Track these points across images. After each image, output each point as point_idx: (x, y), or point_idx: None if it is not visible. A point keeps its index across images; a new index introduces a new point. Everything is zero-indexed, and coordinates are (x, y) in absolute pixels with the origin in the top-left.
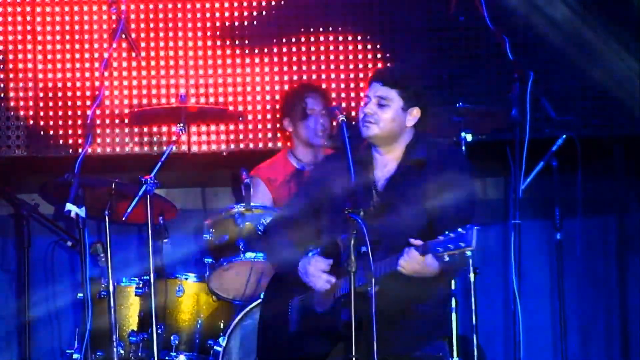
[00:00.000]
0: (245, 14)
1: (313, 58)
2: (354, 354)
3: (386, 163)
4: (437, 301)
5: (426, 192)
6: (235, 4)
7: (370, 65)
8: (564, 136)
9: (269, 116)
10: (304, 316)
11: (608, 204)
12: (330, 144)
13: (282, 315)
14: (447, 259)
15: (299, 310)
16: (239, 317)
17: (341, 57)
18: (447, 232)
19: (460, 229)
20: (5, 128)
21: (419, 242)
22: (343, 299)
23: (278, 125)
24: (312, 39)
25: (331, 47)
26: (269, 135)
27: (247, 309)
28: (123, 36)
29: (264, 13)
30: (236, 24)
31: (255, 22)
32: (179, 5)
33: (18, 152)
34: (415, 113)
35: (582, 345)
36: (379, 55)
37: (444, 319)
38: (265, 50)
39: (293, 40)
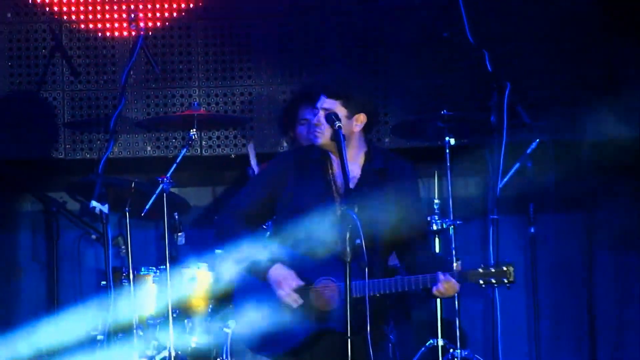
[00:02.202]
0: (252, 30)
1: (311, 70)
2: (348, 333)
3: (352, 168)
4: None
5: (389, 199)
6: (243, 24)
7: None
8: (538, 140)
9: (272, 122)
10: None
11: (577, 202)
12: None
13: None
14: (482, 287)
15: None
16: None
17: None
18: (486, 265)
19: (506, 266)
20: (39, 133)
21: (457, 269)
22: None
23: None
24: (311, 51)
25: (328, 59)
26: (273, 139)
27: None
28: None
29: (268, 30)
30: (243, 39)
31: (260, 38)
32: (191, 25)
33: (51, 155)
34: (361, 119)
35: (553, 328)
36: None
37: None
38: (270, 63)
39: (295, 53)
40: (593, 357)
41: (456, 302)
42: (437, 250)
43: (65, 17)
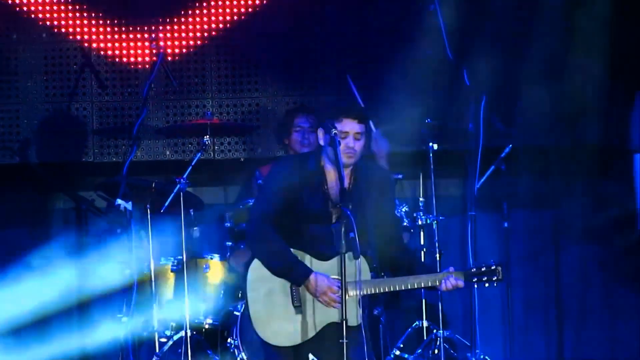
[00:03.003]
0: (258, 50)
1: (310, 84)
2: (344, 316)
3: (337, 178)
4: None
5: (374, 202)
6: (251, 44)
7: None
8: (510, 146)
9: (277, 130)
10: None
11: (545, 200)
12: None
13: (275, 296)
14: (476, 286)
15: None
16: None
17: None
18: (479, 265)
19: (494, 266)
20: (71, 139)
21: (455, 272)
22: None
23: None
24: (311, 68)
25: (324, 75)
26: (276, 145)
27: None
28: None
29: (273, 49)
30: (251, 58)
31: (265, 57)
32: (205, 44)
33: (81, 159)
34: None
35: (525, 311)
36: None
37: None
38: (274, 78)
39: (296, 70)
40: (560, 336)
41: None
42: (422, 242)
43: (93, 37)
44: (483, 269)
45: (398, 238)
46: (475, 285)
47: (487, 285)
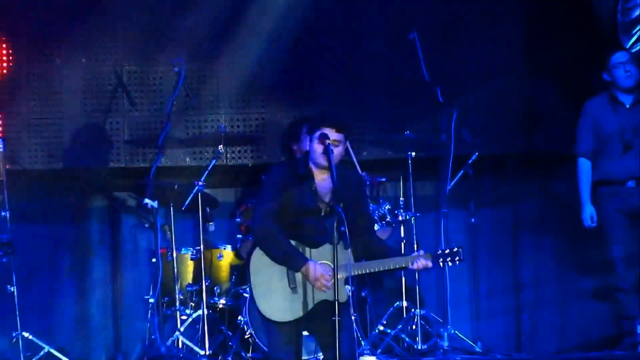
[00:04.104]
0: (264, 72)
1: (308, 101)
2: (336, 297)
3: (324, 178)
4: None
5: (352, 203)
6: (257, 66)
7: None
8: (477, 153)
9: (281, 140)
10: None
11: (506, 199)
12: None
13: (273, 279)
14: (441, 266)
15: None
16: None
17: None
18: (443, 248)
19: (457, 248)
20: (106, 148)
21: (424, 254)
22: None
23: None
24: (308, 88)
25: (319, 93)
26: (279, 152)
27: None
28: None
29: (276, 71)
30: (257, 79)
31: (270, 78)
32: (219, 68)
33: (115, 165)
34: (347, 146)
35: (488, 293)
36: (354, 99)
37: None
38: (278, 96)
39: (296, 89)
40: (518, 314)
41: (416, 274)
42: (402, 235)
43: (125, 62)
44: (447, 251)
45: (371, 229)
46: (441, 264)
47: (450, 264)
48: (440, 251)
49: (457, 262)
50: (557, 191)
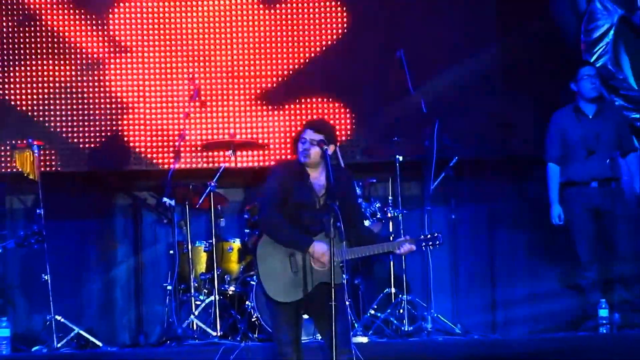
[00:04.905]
0: (268, 87)
1: (310, 113)
2: (333, 282)
3: (317, 176)
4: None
5: (343, 198)
6: (263, 82)
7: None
8: (456, 157)
9: (283, 145)
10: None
11: (483, 198)
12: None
13: (277, 265)
14: (423, 248)
15: (292, 263)
16: None
17: (326, 110)
18: (425, 234)
19: (436, 233)
20: (129, 152)
21: (408, 239)
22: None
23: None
24: (309, 100)
25: (320, 104)
26: (284, 157)
27: None
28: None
29: (278, 86)
30: (262, 92)
31: (274, 91)
32: (231, 84)
33: (136, 167)
34: (332, 148)
35: (467, 280)
36: (348, 109)
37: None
38: (280, 109)
39: (294, 100)
40: (493, 299)
41: (403, 263)
42: (390, 230)
43: (146, 78)
44: (428, 236)
45: (360, 220)
46: (423, 248)
47: (431, 247)
48: (422, 236)
49: (437, 245)
50: (529, 191)
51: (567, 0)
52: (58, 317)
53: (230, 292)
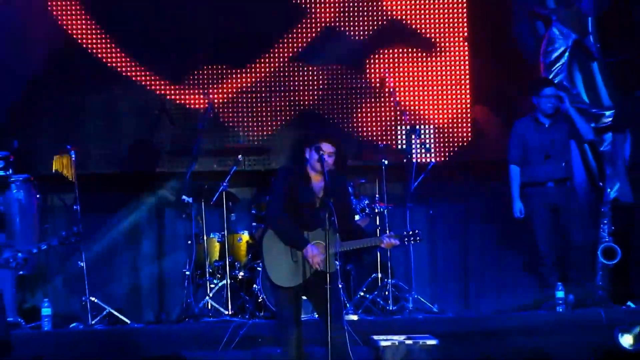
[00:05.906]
0: (273, 99)
1: (307, 124)
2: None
3: (318, 179)
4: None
5: (338, 199)
6: (268, 96)
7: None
8: (434, 162)
9: (287, 151)
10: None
11: (457, 196)
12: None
13: (280, 255)
14: (405, 244)
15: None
16: None
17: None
18: (407, 230)
19: (417, 230)
20: (153, 157)
21: (393, 234)
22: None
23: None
24: (304, 111)
25: (311, 118)
26: (284, 161)
27: None
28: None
29: (281, 101)
30: (268, 107)
31: (278, 105)
32: (239, 97)
33: (159, 169)
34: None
35: (444, 269)
36: (343, 123)
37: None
38: (284, 119)
39: (297, 114)
40: (466, 283)
41: (389, 252)
42: (377, 224)
43: (167, 91)
44: (410, 232)
45: (352, 217)
46: (405, 243)
47: (413, 242)
48: (405, 232)
49: (418, 240)
50: (497, 190)
51: (527, 26)
52: (92, 298)
53: (240, 277)
